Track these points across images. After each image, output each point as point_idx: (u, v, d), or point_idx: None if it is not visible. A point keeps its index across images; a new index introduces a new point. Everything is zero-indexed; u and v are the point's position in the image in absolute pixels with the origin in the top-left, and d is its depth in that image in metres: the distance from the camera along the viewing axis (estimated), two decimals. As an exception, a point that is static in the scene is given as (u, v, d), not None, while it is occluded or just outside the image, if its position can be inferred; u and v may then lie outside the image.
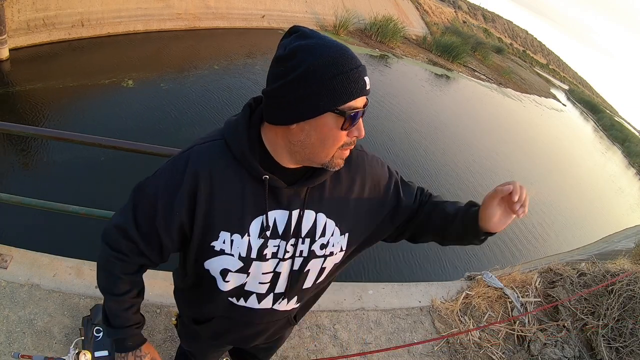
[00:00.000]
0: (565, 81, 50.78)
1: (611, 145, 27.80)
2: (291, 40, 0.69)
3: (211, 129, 0.83)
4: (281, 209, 0.78)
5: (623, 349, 2.23)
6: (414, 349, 2.20)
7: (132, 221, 0.79)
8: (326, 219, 0.82)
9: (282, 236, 0.79)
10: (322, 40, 0.67)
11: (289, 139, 0.72)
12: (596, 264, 2.81)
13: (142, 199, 0.79)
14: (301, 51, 0.65)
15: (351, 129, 0.70)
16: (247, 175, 0.75)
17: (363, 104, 0.70)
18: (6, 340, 1.52)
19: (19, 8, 5.74)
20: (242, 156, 0.74)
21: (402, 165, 7.07)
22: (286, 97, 0.67)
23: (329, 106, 0.66)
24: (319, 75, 0.64)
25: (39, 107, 5.00)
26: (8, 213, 3.23)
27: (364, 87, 0.68)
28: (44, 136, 1.70)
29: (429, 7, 24.25)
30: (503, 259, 5.74)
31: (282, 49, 0.68)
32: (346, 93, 0.66)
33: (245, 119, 0.76)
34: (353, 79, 0.66)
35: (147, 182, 0.80)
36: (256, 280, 0.83)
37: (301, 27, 0.70)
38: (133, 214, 0.79)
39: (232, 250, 0.77)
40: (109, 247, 0.82)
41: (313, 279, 0.88)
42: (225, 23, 10.10)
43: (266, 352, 1.25)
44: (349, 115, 0.67)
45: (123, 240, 0.81)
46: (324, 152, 0.72)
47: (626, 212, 12.67)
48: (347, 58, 0.66)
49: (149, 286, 1.91)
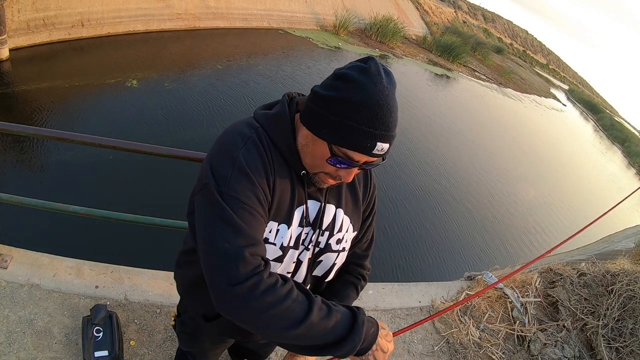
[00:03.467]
0: (565, 81, 50.78)
1: (611, 145, 27.79)
2: (358, 66, 0.71)
3: (222, 127, 0.85)
4: (312, 200, 0.84)
5: (623, 349, 2.23)
6: (414, 348, 2.20)
7: (239, 229, 0.68)
8: (344, 215, 0.88)
9: (312, 225, 0.84)
10: (377, 85, 0.68)
11: (301, 135, 0.78)
12: (596, 264, 2.80)
13: (235, 202, 0.70)
14: (357, 85, 0.68)
15: (339, 168, 0.75)
16: (291, 169, 0.79)
17: (364, 161, 0.73)
18: (6, 340, 1.52)
19: (19, 8, 5.74)
20: (289, 152, 0.78)
21: (403, 165, 7.07)
22: (316, 106, 0.72)
23: (330, 138, 0.71)
24: (345, 111, 0.68)
25: (39, 107, 5.00)
26: (8, 213, 3.23)
27: (371, 149, 0.70)
28: (44, 136, 1.70)
29: (429, 7, 24.24)
30: (503, 259, 5.74)
31: (353, 71, 0.70)
32: (350, 141, 0.69)
33: (288, 115, 0.80)
34: (365, 137, 0.69)
35: (223, 185, 0.70)
36: (285, 269, 0.85)
37: (375, 59, 0.72)
38: (232, 221, 0.68)
39: (275, 239, 0.79)
40: (246, 280, 0.65)
41: (322, 271, 0.91)
42: (225, 23, 10.10)
43: (266, 347, 1.25)
44: (337, 157, 0.72)
45: (247, 257, 0.67)
46: (312, 164, 0.78)
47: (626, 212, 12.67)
48: (378, 119, 0.68)
49: (149, 286, 1.92)
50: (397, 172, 6.72)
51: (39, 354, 1.51)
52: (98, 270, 1.88)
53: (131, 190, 4.11)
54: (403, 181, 6.58)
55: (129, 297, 1.84)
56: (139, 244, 3.46)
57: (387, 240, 4.90)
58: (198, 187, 0.76)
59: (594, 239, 7.07)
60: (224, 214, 0.68)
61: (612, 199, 14.35)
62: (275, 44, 10.92)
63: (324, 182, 0.80)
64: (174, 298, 1.91)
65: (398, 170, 6.76)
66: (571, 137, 21.37)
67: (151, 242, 3.38)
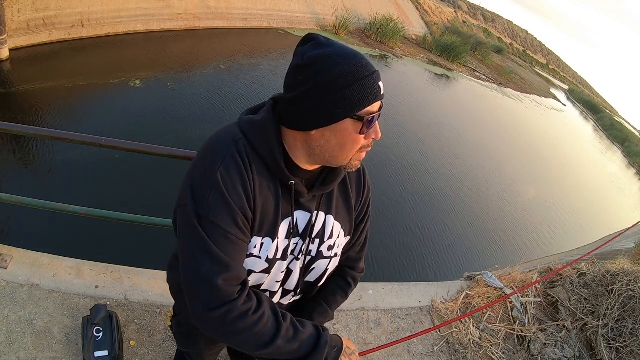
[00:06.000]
0: (565, 81, 50.77)
1: (611, 145, 27.78)
2: (308, 48, 0.71)
3: (223, 126, 0.81)
4: (302, 210, 0.82)
5: (623, 349, 2.23)
6: (414, 348, 2.20)
7: (216, 258, 0.70)
8: (334, 221, 0.87)
9: (302, 235, 0.83)
10: (338, 48, 0.70)
11: (309, 144, 0.75)
12: (596, 264, 2.80)
13: (212, 227, 0.70)
14: (319, 60, 0.68)
15: (368, 132, 0.73)
16: (276, 180, 0.77)
17: (379, 107, 0.72)
18: (6, 340, 1.52)
19: (19, 8, 5.74)
20: (274, 163, 0.75)
21: (402, 165, 7.07)
22: (306, 105, 0.70)
23: (347, 113, 0.69)
24: (337, 84, 0.67)
25: (39, 107, 5.00)
26: (8, 213, 3.23)
27: (378, 92, 0.71)
28: (44, 136, 1.70)
29: (429, 7, 24.24)
30: (503, 259, 5.74)
31: (300, 58, 0.70)
32: (363, 100, 0.69)
33: (273, 122, 0.76)
34: (369, 86, 0.69)
35: (202, 207, 0.70)
36: (274, 279, 0.85)
37: (316, 35, 0.73)
38: (209, 250, 0.70)
39: (260, 253, 0.79)
40: (223, 305, 0.70)
41: (315, 277, 0.91)
42: (225, 23, 10.10)
43: None
44: (366, 120, 0.70)
45: (221, 285, 0.70)
46: (343, 155, 0.75)
47: (626, 212, 12.66)
48: (362, 66, 0.69)
49: (149, 286, 1.92)
50: (397, 171, 6.72)
51: (39, 354, 1.51)
52: (98, 270, 1.88)
53: (131, 190, 4.11)
54: (403, 181, 6.58)
55: (129, 297, 1.84)
56: (139, 244, 3.46)
57: (387, 240, 4.90)
58: (179, 201, 0.75)
59: (594, 239, 7.07)
60: (201, 243, 0.70)
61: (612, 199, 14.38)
62: (276, 44, 10.92)
63: (360, 159, 0.77)
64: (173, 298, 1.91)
65: (398, 170, 6.76)
66: (571, 137, 21.37)
67: (151, 242, 3.38)
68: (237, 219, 0.71)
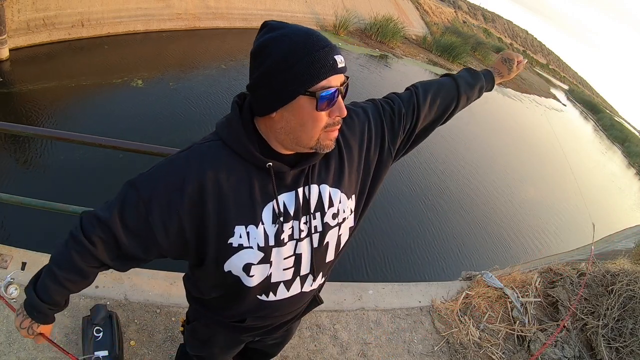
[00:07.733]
0: (565, 81, 50.74)
1: (611, 145, 27.76)
2: (261, 34, 0.72)
3: None
4: (287, 191, 0.79)
5: (623, 349, 2.23)
6: (414, 348, 2.20)
7: (117, 216, 0.76)
8: (329, 188, 0.84)
9: (294, 217, 0.80)
10: (288, 29, 0.69)
11: (273, 127, 0.75)
12: (596, 264, 2.80)
13: (134, 196, 0.76)
14: (269, 43, 0.69)
15: (330, 109, 0.71)
16: (250, 166, 0.76)
17: (340, 83, 0.70)
18: (6, 340, 1.52)
19: (19, 8, 5.73)
20: (244, 149, 0.75)
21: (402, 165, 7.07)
22: (261, 89, 0.70)
23: (298, 90, 0.68)
24: (287, 62, 0.66)
25: (39, 107, 5.00)
26: (8, 213, 3.23)
27: (333, 66, 0.68)
28: (44, 136, 1.70)
29: (429, 7, 24.24)
30: (503, 259, 5.73)
31: (254, 45, 0.71)
32: (313, 74, 0.67)
33: (237, 115, 0.77)
34: (319, 59, 0.67)
35: (142, 180, 0.77)
36: (280, 267, 0.83)
37: (271, 21, 0.73)
38: (120, 209, 0.76)
39: (250, 242, 0.78)
40: (81, 230, 0.79)
41: (334, 250, 0.89)
42: (225, 23, 10.10)
43: (276, 347, 1.25)
44: (320, 95, 0.68)
45: (98, 231, 0.78)
46: (306, 135, 0.73)
47: (626, 212, 12.66)
48: (312, 41, 0.68)
49: (149, 286, 1.92)
50: (397, 171, 6.71)
51: (39, 354, 1.51)
52: (98, 270, 1.88)
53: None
54: (403, 181, 6.58)
55: (129, 297, 1.84)
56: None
57: (387, 240, 4.90)
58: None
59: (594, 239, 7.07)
60: (118, 199, 0.78)
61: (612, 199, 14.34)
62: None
63: (330, 139, 0.75)
64: (173, 298, 1.92)
65: (397, 170, 6.76)
66: (571, 137, 21.36)
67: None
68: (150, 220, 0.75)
